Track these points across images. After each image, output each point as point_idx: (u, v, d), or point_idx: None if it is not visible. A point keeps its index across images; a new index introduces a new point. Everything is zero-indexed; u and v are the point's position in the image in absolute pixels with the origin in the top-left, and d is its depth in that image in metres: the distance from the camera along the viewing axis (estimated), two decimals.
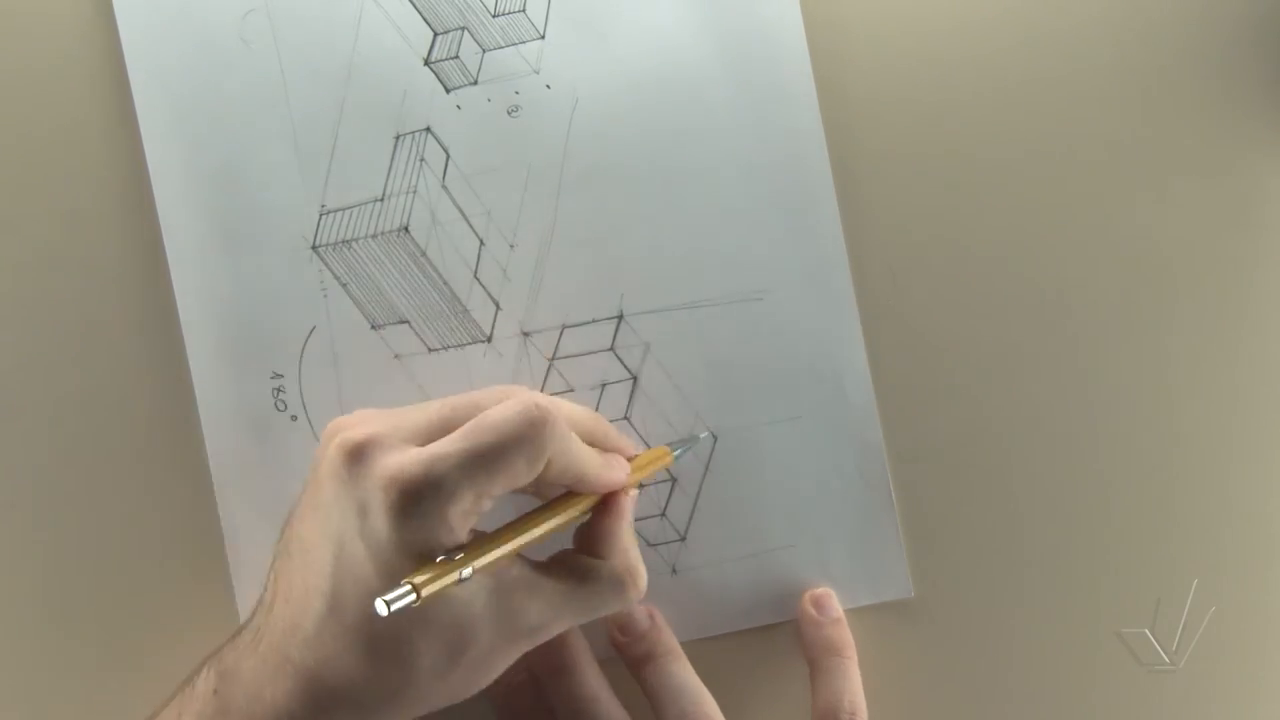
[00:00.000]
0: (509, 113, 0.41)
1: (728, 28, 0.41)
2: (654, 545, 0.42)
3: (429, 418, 0.35)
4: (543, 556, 0.37)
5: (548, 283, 0.41)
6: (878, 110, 0.42)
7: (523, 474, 0.33)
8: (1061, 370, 0.42)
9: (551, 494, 0.37)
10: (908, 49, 0.42)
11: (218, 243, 0.41)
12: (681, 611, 0.41)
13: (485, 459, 0.33)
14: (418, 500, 0.32)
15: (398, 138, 0.41)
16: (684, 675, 0.39)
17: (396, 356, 0.41)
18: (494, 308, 0.41)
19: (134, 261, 0.41)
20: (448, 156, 0.41)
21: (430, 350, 0.41)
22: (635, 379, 0.42)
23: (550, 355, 0.41)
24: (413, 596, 0.30)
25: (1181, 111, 0.42)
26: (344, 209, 0.41)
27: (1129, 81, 0.42)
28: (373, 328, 0.41)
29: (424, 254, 0.41)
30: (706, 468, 0.42)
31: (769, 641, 0.42)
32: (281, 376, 0.41)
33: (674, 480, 0.42)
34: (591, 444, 0.37)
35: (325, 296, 0.41)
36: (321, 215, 0.41)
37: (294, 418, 0.41)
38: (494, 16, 0.41)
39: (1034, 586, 0.42)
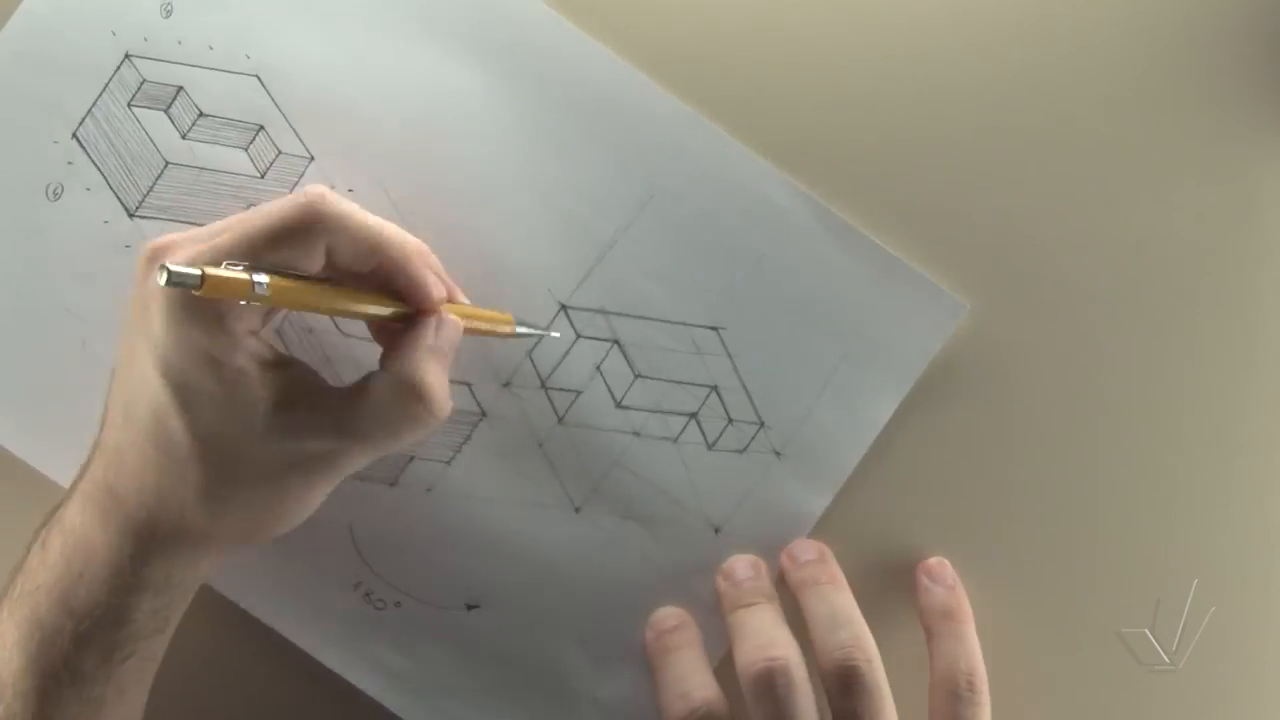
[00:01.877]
0: None
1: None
2: (745, 451, 0.42)
3: (228, 221, 0.35)
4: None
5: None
6: (876, 110, 0.42)
7: (301, 261, 0.33)
8: (1061, 370, 0.42)
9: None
10: (906, 48, 0.42)
11: None
12: (822, 473, 0.42)
13: (258, 242, 0.33)
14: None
15: (278, 331, 0.41)
16: (845, 604, 0.40)
17: (429, 490, 0.42)
18: (465, 387, 0.41)
19: None
20: None
21: (449, 463, 0.42)
22: (616, 341, 0.42)
23: (540, 383, 0.41)
24: (196, 273, 0.29)
25: (1181, 111, 0.42)
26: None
27: (1129, 81, 0.42)
28: (392, 485, 0.42)
29: None
30: (731, 359, 0.42)
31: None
32: (361, 583, 0.42)
33: (714, 387, 0.42)
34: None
35: (338, 494, 0.41)
36: None
37: (398, 603, 0.42)
38: (262, 177, 0.41)
39: (1034, 586, 0.42)
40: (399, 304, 0.36)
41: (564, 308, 0.41)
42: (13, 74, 0.41)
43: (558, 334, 0.41)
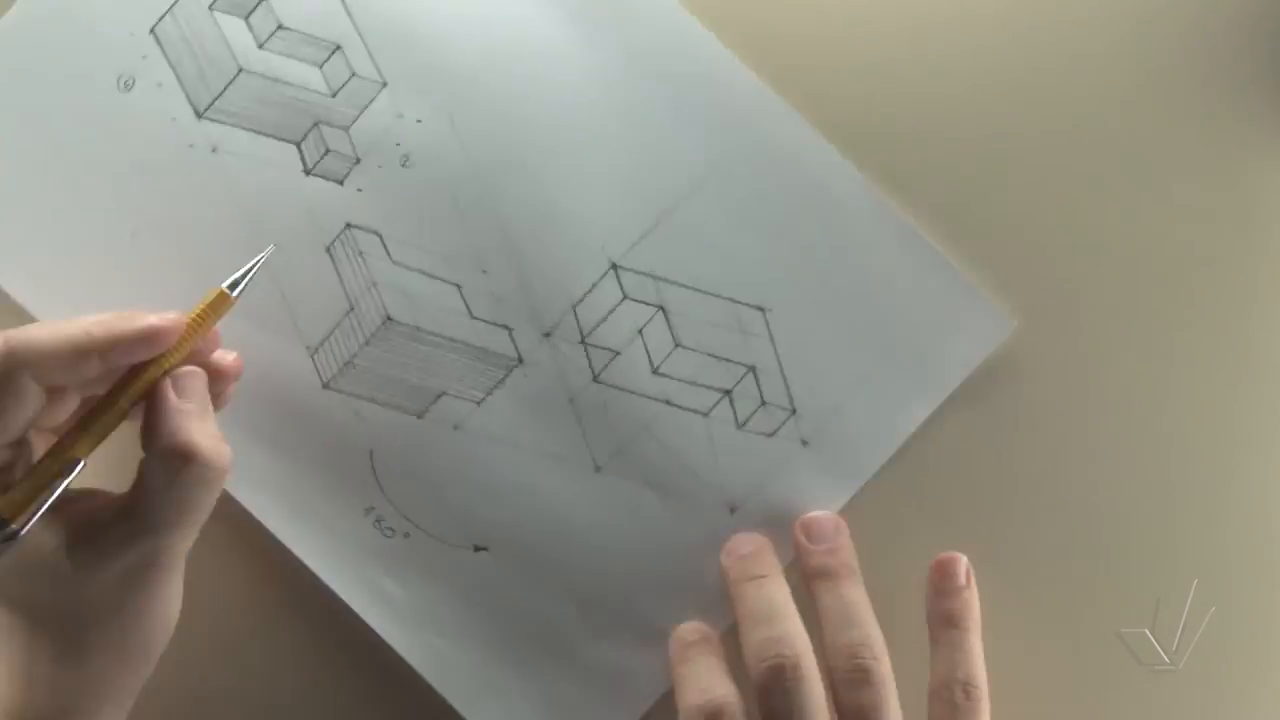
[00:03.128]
0: (402, 164, 0.41)
1: None
2: (773, 435, 0.42)
3: None
4: None
5: (532, 281, 0.41)
6: (873, 110, 0.42)
7: (16, 409, 0.32)
8: (1061, 370, 0.42)
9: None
10: (905, 48, 0.42)
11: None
12: (845, 468, 0.42)
13: None
14: None
15: (329, 249, 0.41)
16: (858, 599, 0.39)
17: (456, 428, 0.42)
18: (505, 331, 0.41)
19: None
20: (380, 237, 0.41)
21: (480, 403, 0.42)
22: (661, 308, 0.42)
23: (580, 338, 0.41)
24: None
25: (1181, 111, 0.42)
26: (327, 339, 0.41)
27: (1129, 81, 0.42)
28: (419, 418, 0.42)
29: (418, 329, 0.41)
30: (773, 342, 0.42)
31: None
32: (373, 509, 0.41)
33: (752, 368, 0.42)
34: (117, 345, 0.34)
35: (363, 420, 0.41)
36: (313, 356, 0.41)
37: (406, 534, 0.42)
38: (333, 96, 0.41)
39: (1034, 586, 0.42)
40: (127, 387, 0.35)
41: (615, 266, 0.41)
42: None
43: (271, 248, 0.39)
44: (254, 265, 0.38)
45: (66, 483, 0.34)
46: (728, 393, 0.42)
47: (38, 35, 0.41)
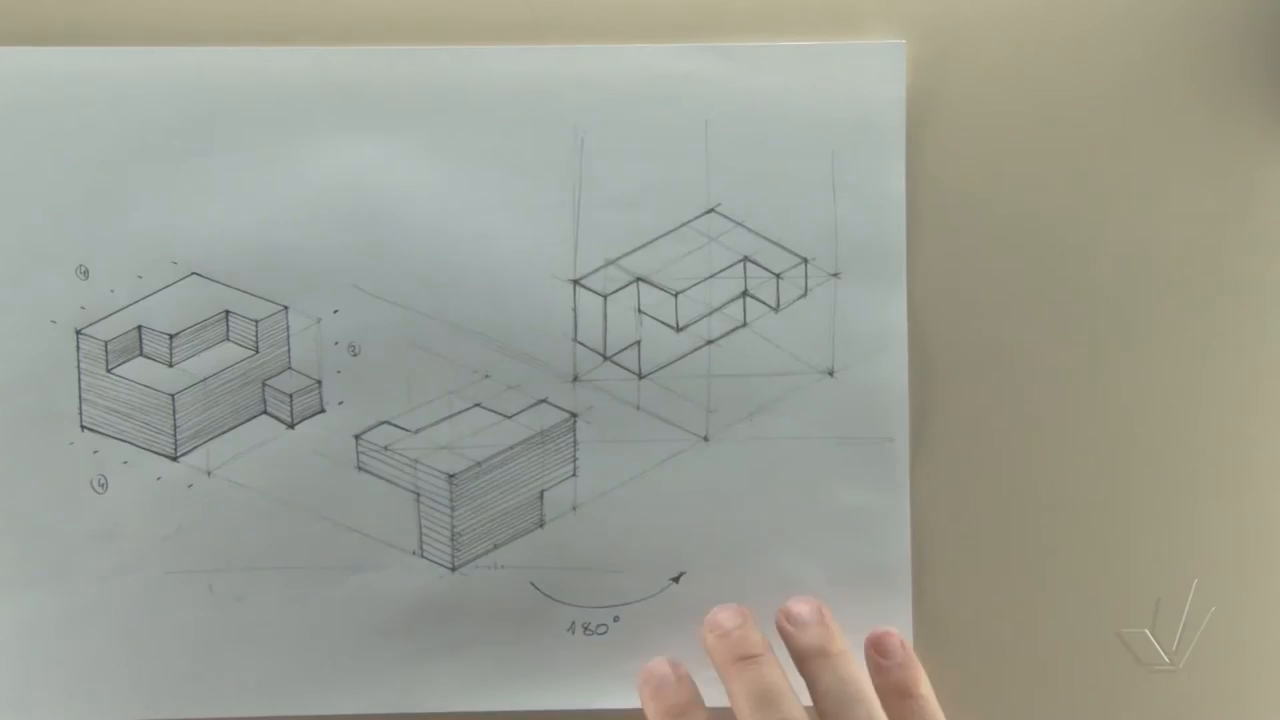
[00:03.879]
0: (353, 355, 0.41)
1: None
2: (806, 294, 0.42)
3: None
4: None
5: (531, 350, 0.41)
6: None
7: None
8: (1061, 370, 0.42)
9: None
10: (905, 49, 0.42)
11: None
12: (878, 274, 0.42)
13: None
14: None
15: (359, 469, 0.41)
16: (855, 675, 0.38)
17: (574, 509, 0.42)
18: (545, 404, 0.42)
19: None
20: (390, 424, 0.41)
21: (575, 473, 0.42)
22: (639, 279, 0.42)
23: (602, 357, 0.41)
24: None
25: (1181, 111, 0.42)
26: (425, 534, 0.41)
27: (1129, 81, 0.42)
28: (541, 527, 0.42)
29: (477, 465, 0.41)
30: (742, 225, 0.42)
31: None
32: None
33: (744, 257, 0.42)
34: None
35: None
36: (423, 554, 0.42)
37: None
38: (256, 353, 0.41)
39: (1034, 586, 0.42)
40: None
41: (575, 282, 0.41)
42: None
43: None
44: None
45: None
46: (744, 293, 0.42)
47: None
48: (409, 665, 0.41)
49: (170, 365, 0.41)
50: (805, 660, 0.39)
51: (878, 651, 0.40)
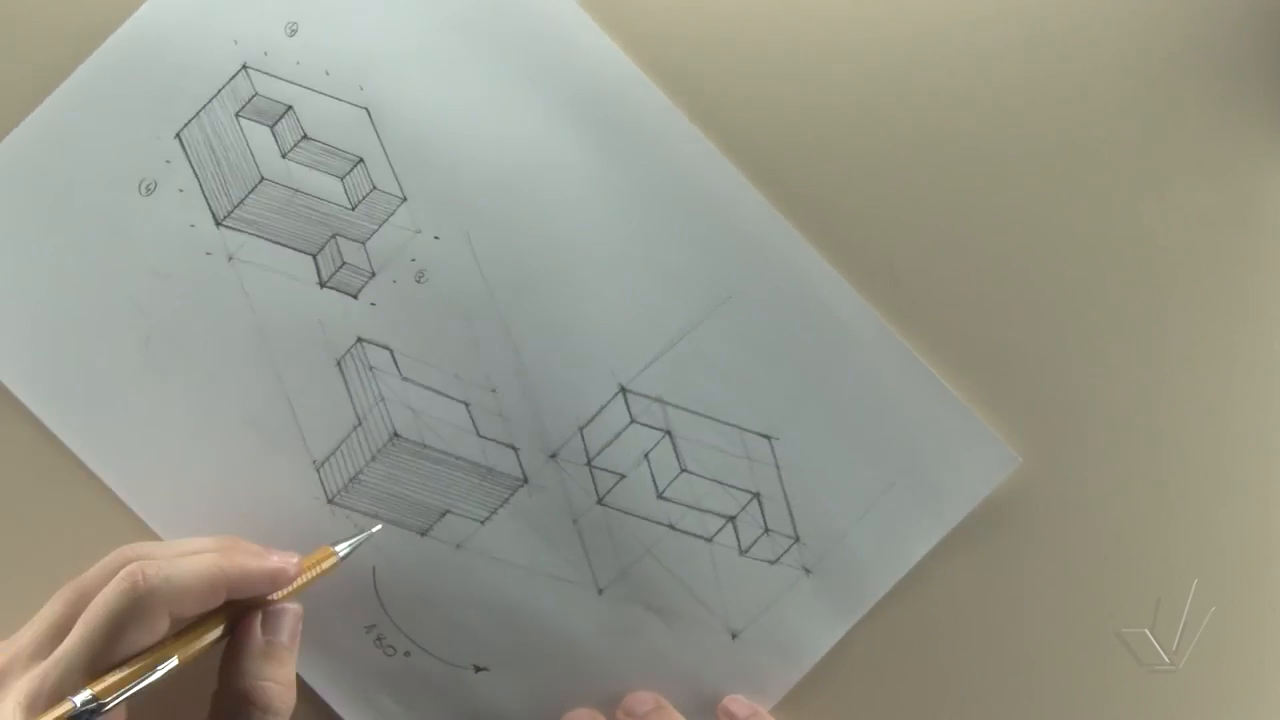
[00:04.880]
0: (417, 280, 0.41)
1: (561, 94, 0.41)
2: (776, 562, 0.42)
3: (46, 624, 0.35)
4: None
5: (541, 401, 0.41)
6: (874, 111, 0.42)
7: (147, 639, 0.34)
8: (1061, 370, 0.42)
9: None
10: (905, 48, 0.42)
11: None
12: (847, 598, 0.42)
13: (102, 645, 0.33)
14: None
15: (339, 363, 0.41)
16: None
17: (459, 546, 0.41)
18: (511, 451, 0.41)
19: None
20: (391, 352, 0.41)
21: (484, 522, 0.41)
22: (668, 432, 0.42)
23: (586, 460, 0.41)
24: None
25: (1182, 111, 0.42)
26: (334, 453, 0.41)
27: (1129, 81, 0.42)
28: (422, 534, 0.41)
29: (424, 446, 0.41)
30: (778, 469, 0.42)
31: None
32: (375, 626, 0.41)
33: (756, 494, 0.42)
34: (239, 579, 0.36)
35: (369, 534, 0.41)
36: (319, 470, 0.41)
37: (407, 653, 0.41)
38: (352, 209, 0.41)
39: (1034, 586, 0.42)
40: (214, 620, 0.37)
41: (623, 390, 0.41)
42: (129, 63, 0.41)
43: (379, 526, 0.41)
44: (361, 539, 0.40)
45: (158, 675, 0.34)
46: (731, 519, 0.42)
47: (65, 132, 0.41)
48: None
49: (282, 156, 0.41)
50: None
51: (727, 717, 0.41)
